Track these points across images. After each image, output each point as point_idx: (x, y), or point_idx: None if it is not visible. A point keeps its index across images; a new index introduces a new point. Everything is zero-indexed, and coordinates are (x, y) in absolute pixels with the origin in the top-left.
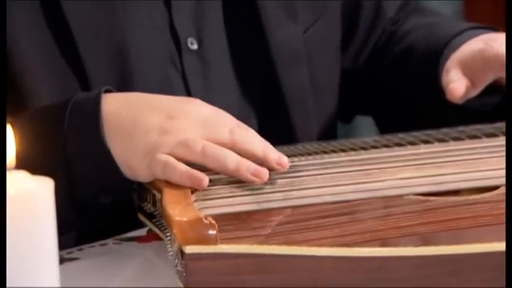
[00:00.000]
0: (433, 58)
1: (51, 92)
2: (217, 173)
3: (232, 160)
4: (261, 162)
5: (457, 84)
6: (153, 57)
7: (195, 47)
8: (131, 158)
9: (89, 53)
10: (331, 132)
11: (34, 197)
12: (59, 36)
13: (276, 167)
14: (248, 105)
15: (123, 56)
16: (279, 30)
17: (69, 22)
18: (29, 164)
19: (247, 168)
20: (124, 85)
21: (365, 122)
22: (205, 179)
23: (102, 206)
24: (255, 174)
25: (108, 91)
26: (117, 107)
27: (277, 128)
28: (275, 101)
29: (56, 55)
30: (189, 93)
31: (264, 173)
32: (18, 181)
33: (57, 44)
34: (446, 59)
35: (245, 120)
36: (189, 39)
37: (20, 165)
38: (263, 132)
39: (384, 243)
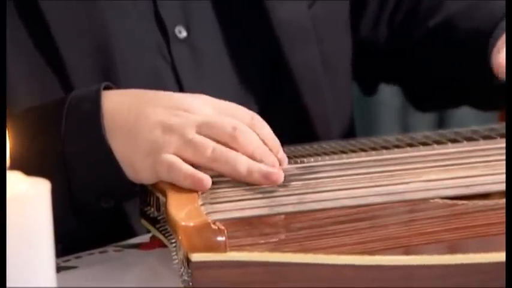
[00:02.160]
0: (481, 37)
1: (31, 91)
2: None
3: (243, 164)
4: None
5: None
6: (139, 50)
7: (183, 35)
8: (134, 158)
9: (69, 48)
10: (348, 117)
11: (29, 199)
12: (36, 33)
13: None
14: (248, 93)
15: (106, 50)
16: (281, 6)
17: (46, 16)
18: (24, 164)
19: (259, 171)
20: (108, 81)
21: (387, 119)
22: (206, 179)
23: (104, 211)
24: (267, 177)
25: (107, 87)
26: (118, 103)
27: (286, 116)
28: (284, 85)
29: (34, 53)
30: (180, 85)
31: (278, 175)
32: (11, 182)
33: (35, 42)
34: (497, 38)
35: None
36: (177, 28)
37: (14, 166)
38: (269, 122)
39: (407, 250)
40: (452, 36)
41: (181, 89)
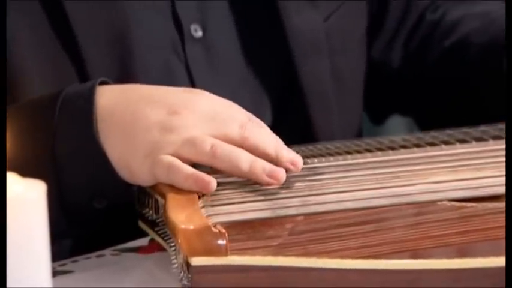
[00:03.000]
0: (497, 49)
1: (46, 81)
2: (226, 176)
3: (245, 160)
4: (273, 161)
5: None
6: (154, 45)
7: (199, 34)
8: (130, 159)
9: (87, 39)
10: (356, 133)
11: (24, 201)
12: (55, 22)
13: (289, 166)
14: (261, 98)
15: (123, 43)
16: (296, 16)
17: (66, 7)
18: (17, 164)
19: (262, 168)
20: (124, 74)
21: (393, 118)
22: (212, 181)
23: (96, 212)
24: (271, 176)
25: (103, 83)
26: (113, 101)
27: (294, 124)
28: (292, 94)
29: (52, 42)
30: (193, 85)
31: (281, 174)
32: (7, 184)
33: (54, 31)
34: None
35: (257, 115)
36: (193, 26)
37: (8, 165)
38: (278, 128)
39: (414, 254)
40: (468, 53)
41: (193, 88)
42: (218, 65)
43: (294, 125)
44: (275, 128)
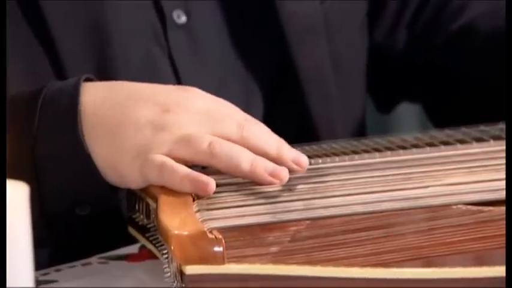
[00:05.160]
0: (504, 38)
1: (18, 74)
2: (222, 176)
3: (246, 159)
4: (274, 161)
5: None
6: (134, 34)
7: (182, 20)
8: (119, 161)
9: (61, 29)
10: (358, 125)
11: (6, 204)
12: (27, 12)
13: (293, 166)
14: (251, 88)
15: (99, 33)
16: None
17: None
18: None
19: (264, 168)
20: (102, 66)
21: (404, 115)
22: (211, 182)
23: (79, 218)
24: (273, 175)
25: (88, 80)
26: (99, 99)
27: (290, 116)
28: (287, 83)
29: (24, 33)
30: (177, 76)
31: (284, 173)
32: None
33: (26, 21)
34: None
35: (248, 106)
36: (175, 12)
37: None
38: (271, 120)
39: (427, 262)
40: (476, 37)
41: (178, 80)
42: (204, 53)
43: (290, 117)
44: (268, 120)
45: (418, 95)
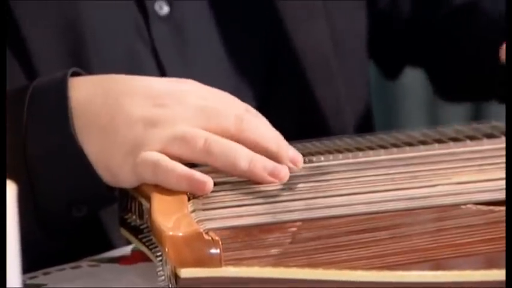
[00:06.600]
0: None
1: None
2: (219, 175)
3: (244, 157)
4: (273, 157)
5: None
6: (113, 29)
7: (165, 11)
8: (110, 158)
9: (32, 27)
10: (364, 105)
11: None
12: None
13: (290, 164)
14: (244, 80)
15: (75, 31)
16: None
17: None
18: None
19: (263, 167)
20: (78, 67)
21: (411, 110)
22: (208, 181)
23: (75, 220)
24: (273, 174)
25: (76, 74)
26: (89, 93)
27: (294, 103)
28: (286, 70)
29: None
30: (162, 72)
31: (284, 172)
32: None
33: None
34: None
35: (241, 99)
36: (157, 3)
37: None
38: (268, 109)
39: (435, 265)
40: (480, 17)
41: (163, 74)
42: (189, 45)
43: (290, 108)
44: (263, 110)
45: (421, 60)
